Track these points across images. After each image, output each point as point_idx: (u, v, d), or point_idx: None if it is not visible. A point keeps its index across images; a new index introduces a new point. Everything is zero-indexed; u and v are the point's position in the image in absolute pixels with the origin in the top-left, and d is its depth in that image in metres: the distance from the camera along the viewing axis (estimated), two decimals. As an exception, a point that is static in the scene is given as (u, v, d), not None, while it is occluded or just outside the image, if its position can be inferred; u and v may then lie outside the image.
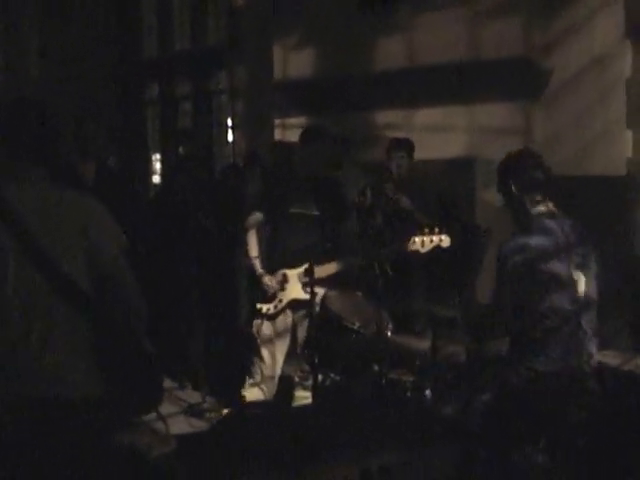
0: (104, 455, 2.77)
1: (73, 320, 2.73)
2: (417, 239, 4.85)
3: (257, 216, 5.48)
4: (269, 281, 5.35)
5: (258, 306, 5.41)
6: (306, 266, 4.98)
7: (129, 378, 2.81)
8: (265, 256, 5.49)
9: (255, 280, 5.44)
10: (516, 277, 3.76)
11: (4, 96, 10.77)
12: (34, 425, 2.67)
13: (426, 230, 4.85)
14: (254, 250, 5.46)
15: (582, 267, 3.85)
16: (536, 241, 3.77)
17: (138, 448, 3.15)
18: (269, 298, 5.39)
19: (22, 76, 10.89)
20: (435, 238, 4.82)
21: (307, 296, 5.02)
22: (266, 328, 5.45)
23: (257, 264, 5.42)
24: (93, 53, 10.89)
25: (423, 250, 4.84)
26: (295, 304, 5.39)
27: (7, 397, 2.67)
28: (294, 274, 5.34)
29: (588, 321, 3.84)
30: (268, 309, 5.38)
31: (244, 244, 5.52)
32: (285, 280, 5.35)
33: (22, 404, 2.67)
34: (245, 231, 5.50)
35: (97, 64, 10.95)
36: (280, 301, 5.37)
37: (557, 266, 3.75)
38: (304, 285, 5.21)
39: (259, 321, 5.47)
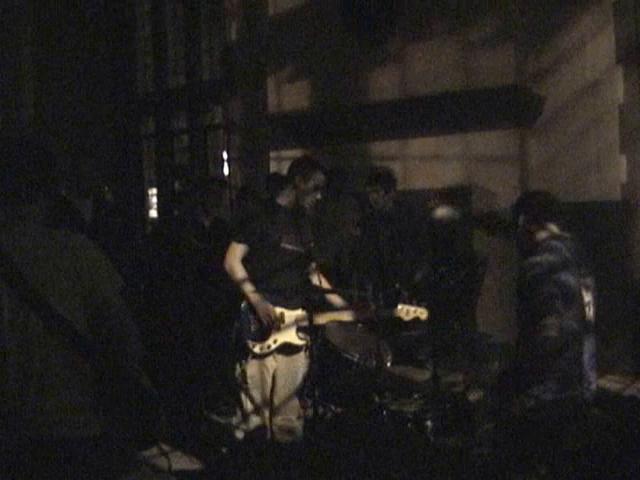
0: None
1: (70, 361, 2.72)
2: (401, 307, 4.96)
3: (243, 247, 4.89)
4: (270, 311, 4.76)
5: (250, 344, 4.80)
6: (301, 310, 4.86)
7: (128, 415, 2.80)
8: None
9: (250, 311, 4.82)
10: (529, 293, 3.79)
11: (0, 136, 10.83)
12: (36, 467, 2.66)
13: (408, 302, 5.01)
14: (245, 276, 4.85)
15: (587, 288, 3.90)
16: (543, 257, 3.82)
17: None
18: (262, 336, 4.81)
19: (18, 113, 10.94)
20: (417, 311, 4.93)
21: (300, 342, 4.88)
22: (253, 369, 4.85)
23: (253, 291, 4.79)
24: (89, 89, 10.95)
25: (405, 319, 4.95)
26: (286, 348, 4.88)
27: (9, 439, 2.66)
28: (291, 316, 4.86)
29: (589, 345, 3.85)
30: (261, 348, 4.80)
31: (231, 273, 4.87)
32: (282, 320, 4.83)
33: (23, 446, 2.66)
34: (233, 261, 4.87)
35: (93, 100, 11.00)
36: (275, 341, 4.82)
37: (568, 279, 3.78)
38: (298, 330, 4.84)
39: (247, 360, 4.85)
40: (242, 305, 4.86)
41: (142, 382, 2.82)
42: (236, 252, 4.87)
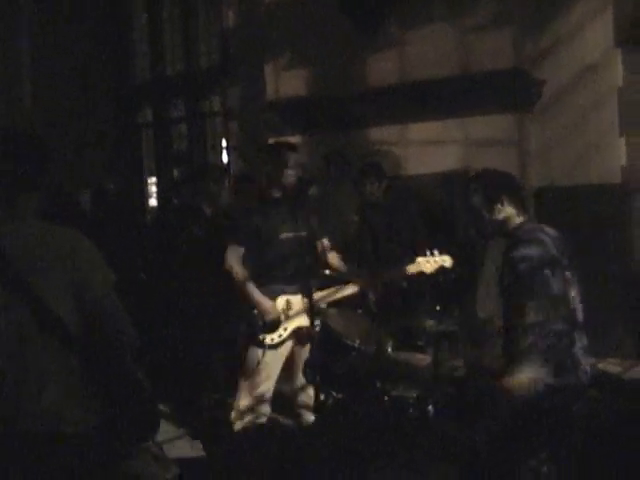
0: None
1: (65, 356, 2.71)
2: (421, 260, 5.04)
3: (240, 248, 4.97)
4: (272, 308, 4.91)
5: (260, 337, 4.89)
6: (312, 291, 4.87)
7: (124, 409, 2.80)
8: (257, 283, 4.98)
9: (254, 308, 4.93)
10: (515, 286, 3.71)
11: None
12: (34, 461, 2.67)
13: (429, 252, 5.05)
14: (243, 275, 4.94)
15: (572, 283, 3.82)
16: (528, 252, 3.73)
17: (144, 477, 3.13)
18: (272, 327, 4.92)
19: (16, 104, 10.93)
20: (438, 259, 5.03)
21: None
22: (268, 358, 4.95)
23: (254, 290, 4.91)
24: (86, 79, 10.92)
25: (428, 271, 5.04)
26: (299, 331, 5.01)
27: (7, 434, 2.67)
28: (298, 300, 4.99)
29: (580, 340, 3.79)
30: (272, 339, 4.91)
31: (232, 274, 4.96)
32: (289, 307, 4.97)
33: (21, 441, 2.66)
34: (232, 261, 4.97)
35: (90, 89, 10.97)
36: (285, 329, 4.95)
37: (555, 277, 3.70)
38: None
39: (260, 352, 4.93)
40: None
41: (136, 377, 2.82)
42: (234, 253, 4.96)
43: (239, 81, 9.72)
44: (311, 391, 4.92)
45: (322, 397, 4.94)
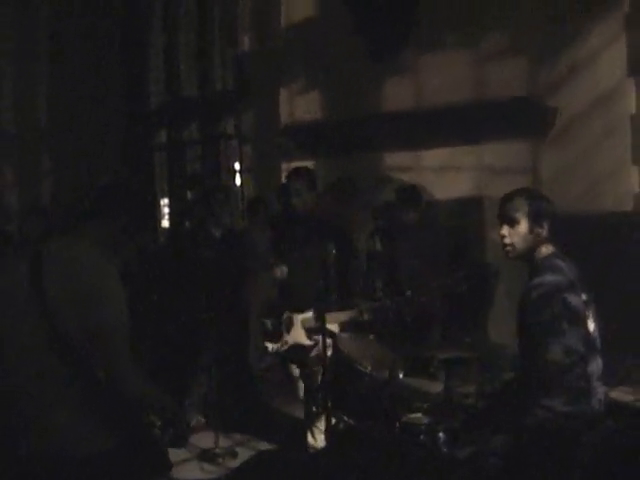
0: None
1: (74, 376, 2.72)
2: None
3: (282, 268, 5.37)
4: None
5: (266, 344, 5.32)
6: (311, 312, 5.10)
7: (133, 444, 2.82)
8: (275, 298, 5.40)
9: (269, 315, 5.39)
10: (533, 313, 3.71)
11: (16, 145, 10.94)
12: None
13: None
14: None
15: (588, 306, 3.83)
16: (550, 278, 3.74)
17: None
18: (275, 338, 5.29)
19: (33, 123, 11.04)
20: None
21: (309, 342, 5.16)
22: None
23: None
24: (101, 101, 10.99)
25: None
26: (297, 348, 5.26)
27: (18, 453, 2.69)
28: (299, 318, 5.22)
29: (596, 364, 3.79)
30: (273, 349, 5.29)
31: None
32: (290, 323, 5.24)
33: (31, 461, 2.68)
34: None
35: (106, 111, 11.05)
36: (285, 343, 5.26)
37: (574, 299, 3.71)
38: (307, 331, 5.16)
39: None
40: None
41: (143, 418, 2.85)
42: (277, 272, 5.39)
43: (254, 104, 9.78)
44: (322, 416, 4.93)
45: (333, 422, 4.93)
